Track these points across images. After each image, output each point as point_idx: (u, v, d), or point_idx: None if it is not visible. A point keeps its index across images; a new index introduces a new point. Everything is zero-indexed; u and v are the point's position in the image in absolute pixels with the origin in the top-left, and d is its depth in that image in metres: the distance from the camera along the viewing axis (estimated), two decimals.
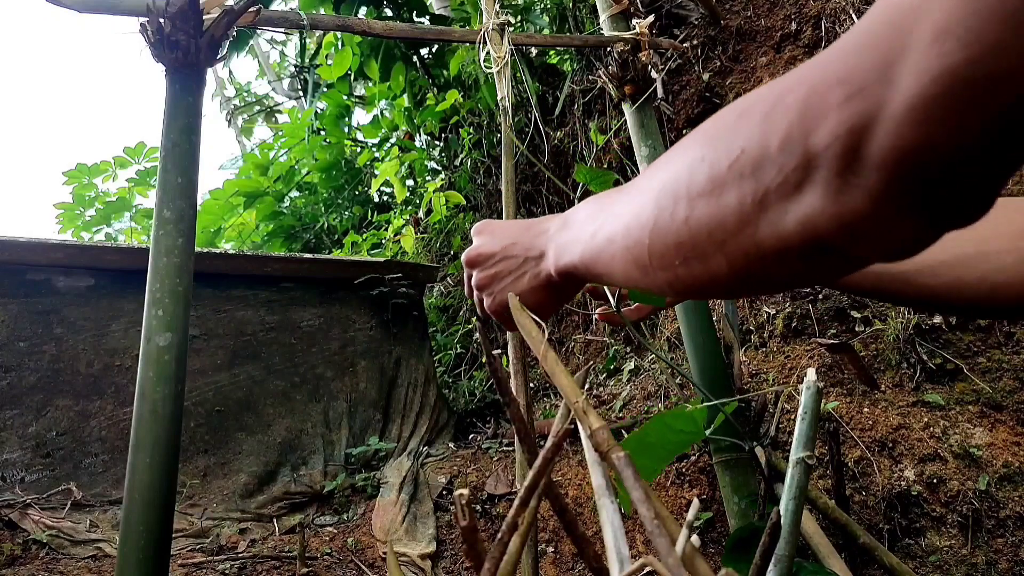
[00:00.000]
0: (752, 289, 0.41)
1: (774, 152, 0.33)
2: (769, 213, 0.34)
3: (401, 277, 2.95)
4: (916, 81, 0.26)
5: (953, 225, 0.31)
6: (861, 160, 0.29)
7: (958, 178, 0.28)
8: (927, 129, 0.27)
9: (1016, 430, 2.10)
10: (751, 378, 2.49)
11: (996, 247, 0.55)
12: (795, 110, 0.31)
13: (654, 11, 3.25)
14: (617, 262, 0.47)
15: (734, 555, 0.76)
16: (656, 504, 0.34)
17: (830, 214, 0.31)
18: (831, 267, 0.35)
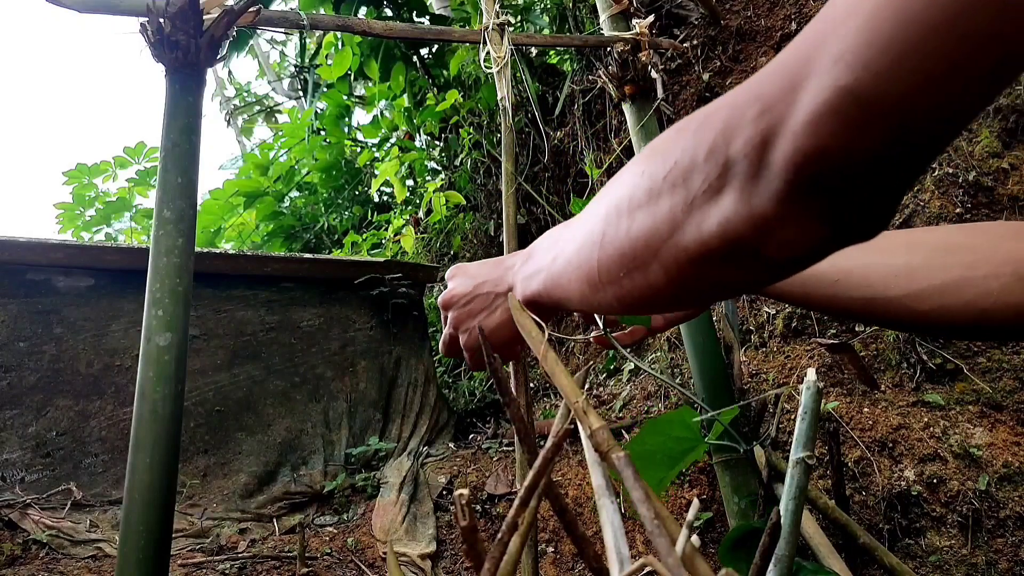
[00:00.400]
0: (690, 299, 0.44)
1: (701, 161, 0.36)
2: (695, 217, 0.37)
3: (401, 277, 2.95)
4: (813, 99, 0.30)
5: (850, 232, 0.34)
6: (767, 166, 0.33)
7: (849, 187, 0.32)
8: (819, 141, 0.30)
9: (1016, 430, 2.10)
10: (751, 378, 2.49)
11: (982, 272, 0.57)
12: (719, 124, 0.35)
13: (654, 11, 3.25)
14: (573, 283, 0.50)
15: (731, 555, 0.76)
16: (656, 504, 0.34)
17: (743, 215, 0.35)
18: (750, 271, 0.38)
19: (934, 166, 2.51)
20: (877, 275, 0.62)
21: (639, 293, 0.44)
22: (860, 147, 0.30)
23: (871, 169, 0.30)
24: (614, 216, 0.44)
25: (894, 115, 0.28)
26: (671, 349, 2.91)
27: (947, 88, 0.27)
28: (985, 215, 2.41)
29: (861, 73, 0.28)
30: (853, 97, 0.29)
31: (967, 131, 2.54)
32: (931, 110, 0.28)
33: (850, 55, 0.29)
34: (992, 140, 2.47)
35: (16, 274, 2.32)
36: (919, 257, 0.61)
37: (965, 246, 0.60)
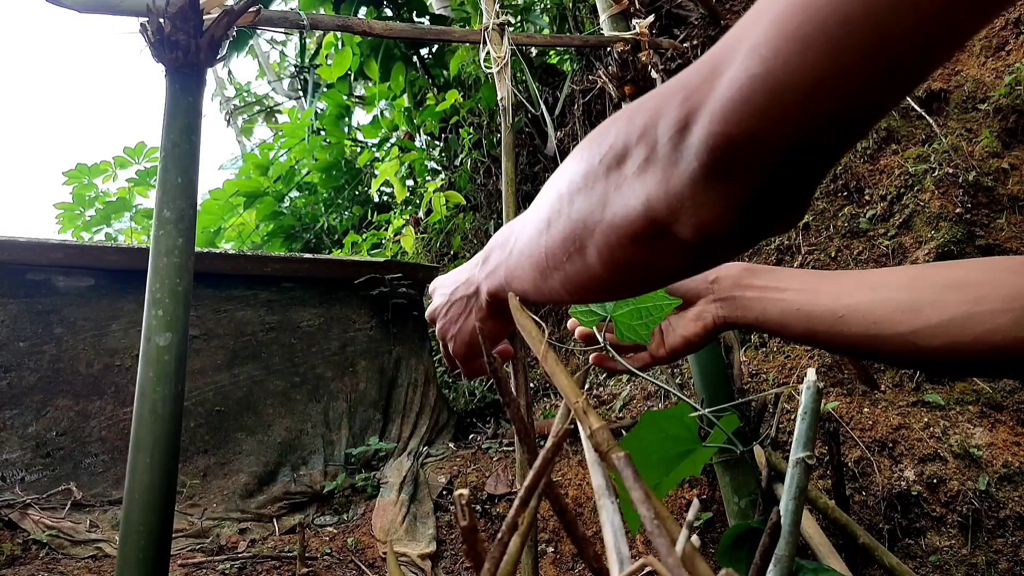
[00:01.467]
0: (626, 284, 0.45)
1: (633, 144, 0.38)
2: (623, 196, 0.39)
3: (401, 277, 2.95)
4: (727, 87, 0.32)
5: (761, 219, 0.36)
6: (685, 148, 0.35)
7: (758, 172, 0.33)
8: (730, 126, 0.32)
9: (1016, 430, 2.10)
10: (751, 378, 2.49)
11: (989, 308, 0.57)
12: (651, 109, 0.37)
13: (654, 11, 3.25)
14: (527, 272, 0.51)
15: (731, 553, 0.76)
16: (656, 504, 0.34)
17: (662, 194, 0.37)
18: (672, 253, 0.40)
19: (933, 166, 2.51)
20: (883, 311, 0.61)
21: (581, 278, 0.45)
22: (768, 134, 0.31)
23: (779, 156, 0.32)
24: (556, 202, 0.45)
25: (799, 105, 0.30)
26: None
27: (848, 83, 0.29)
28: (985, 215, 2.41)
29: (771, 63, 0.30)
30: (762, 85, 0.31)
31: (967, 131, 2.54)
32: (834, 103, 0.30)
33: (763, 47, 0.30)
34: (992, 140, 2.47)
35: (16, 274, 2.32)
36: (925, 294, 0.60)
37: (971, 282, 0.59)
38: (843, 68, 0.29)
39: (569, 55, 4.05)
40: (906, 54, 0.28)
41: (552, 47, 4.01)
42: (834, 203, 2.71)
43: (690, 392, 2.64)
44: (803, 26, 0.29)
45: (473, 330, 0.64)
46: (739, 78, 0.31)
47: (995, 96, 2.52)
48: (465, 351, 0.67)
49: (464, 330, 0.65)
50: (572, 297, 0.49)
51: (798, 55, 0.29)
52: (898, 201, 2.55)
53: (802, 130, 0.31)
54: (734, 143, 0.32)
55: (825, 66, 0.29)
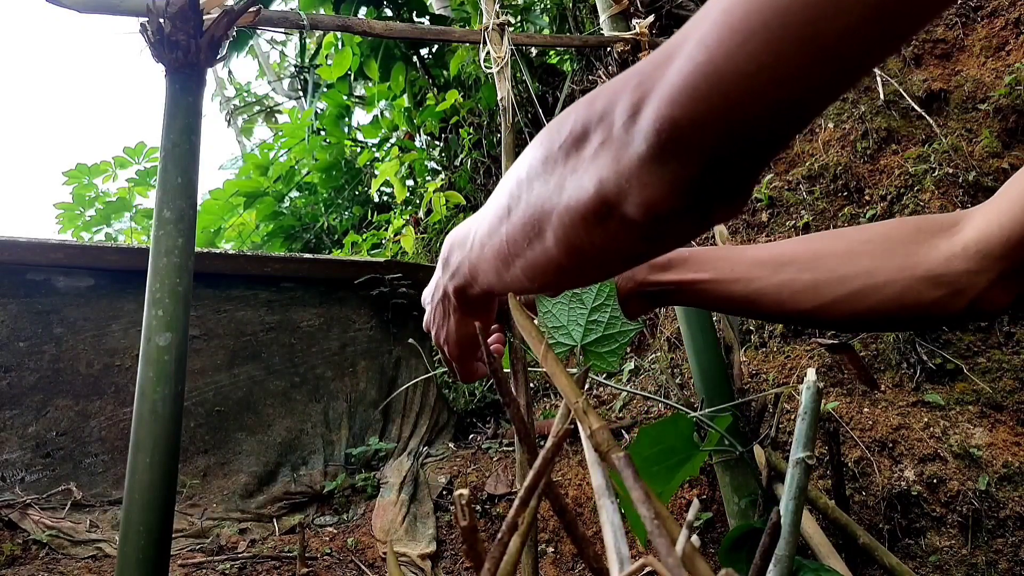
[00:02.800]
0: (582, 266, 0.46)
1: (592, 127, 0.39)
2: (578, 177, 0.40)
3: (401, 277, 2.95)
4: (675, 73, 0.34)
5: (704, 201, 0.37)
6: (635, 130, 0.36)
7: (700, 156, 0.35)
8: (675, 110, 0.34)
9: (1016, 430, 2.10)
10: (751, 378, 2.49)
11: (882, 279, 0.64)
12: (609, 94, 0.39)
13: (654, 11, 3.25)
14: (490, 262, 0.52)
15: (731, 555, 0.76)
16: (656, 504, 0.34)
17: (612, 173, 0.38)
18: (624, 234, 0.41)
19: (933, 166, 2.51)
20: (789, 293, 0.68)
21: (540, 263, 0.46)
22: (710, 119, 0.33)
23: (720, 141, 0.34)
24: (516, 188, 0.46)
25: (739, 93, 0.32)
26: (671, 349, 2.91)
27: (785, 73, 0.31)
28: None
29: (714, 52, 0.32)
30: (704, 72, 0.32)
31: (967, 131, 2.54)
32: (772, 92, 0.31)
33: (708, 36, 0.32)
34: (992, 140, 2.47)
35: (16, 274, 2.32)
36: (824, 272, 0.67)
37: (864, 254, 0.66)
38: (780, 59, 0.30)
39: (569, 55, 4.05)
40: (842, 49, 0.30)
41: (552, 47, 4.01)
42: (834, 203, 2.72)
43: (690, 392, 2.64)
44: (746, 18, 0.31)
45: (458, 330, 0.65)
46: (685, 66, 0.33)
47: (995, 96, 2.52)
48: (457, 352, 0.68)
49: (450, 332, 0.66)
50: (534, 284, 0.50)
51: (739, 46, 0.31)
52: (898, 201, 2.55)
53: (742, 117, 0.33)
54: (678, 126, 0.34)
55: (763, 57, 0.30)
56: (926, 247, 0.63)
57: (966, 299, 0.61)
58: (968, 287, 0.61)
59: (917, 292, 0.62)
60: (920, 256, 0.63)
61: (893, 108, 2.72)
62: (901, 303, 0.63)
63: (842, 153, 2.76)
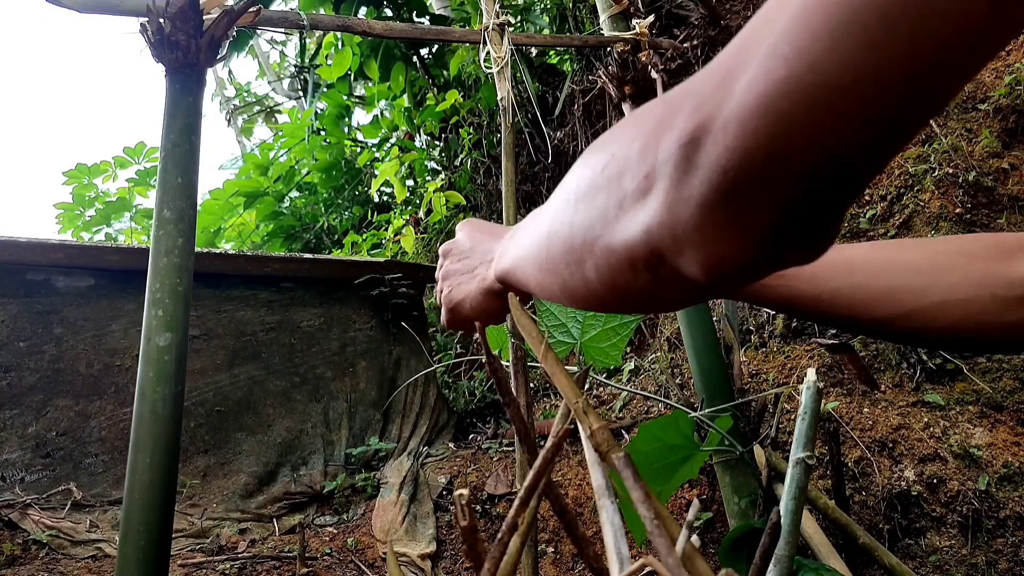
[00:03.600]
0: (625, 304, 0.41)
1: (634, 158, 0.34)
2: (624, 217, 0.35)
3: (401, 277, 2.95)
4: (746, 94, 0.28)
5: (784, 252, 0.31)
6: (694, 168, 0.30)
7: (783, 196, 0.28)
8: (750, 140, 0.27)
9: (1016, 430, 2.10)
10: (751, 378, 2.49)
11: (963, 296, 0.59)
12: (655, 119, 0.33)
13: (654, 11, 3.25)
14: (530, 267, 0.49)
15: (731, 555, 0.76)
16: (656, 504, 0.34)
17: (665, 223, 0.32)
18: (675, 287, 0.35)
19: (933, 166, 2.51)
20: (860, 298, 0.63)
21: (578, 289, 0.42)
22: (796, 148, 0.27)
23: (808, 174, 0.28)
24: (561, 206, 0.42)
25: (832, 110, 0.26)
26: (671, 349, 2.91)
27: (891, 80, 0.25)
28: (985, 215, 2.41)
29: (795, 64, 0.26)
30: (786, 89, 0.26)
31: (967, 131, 2.54)
32: (874, 105, 0.26)
33: (785, 46, 0.26)
34: (992, 140, 2.47)
35: (16, 274, 2.32)
36: (899, 281, 0.62)
37: (944, 266, 0.62)
38: (884, 63, 0.25)
39: (569, 55, 4.05)
40: (964, 44, 0.24)
41: (552, 47, 4.01)
42: None
43: (690, 392, 2.64)
44: (833, 18, 0.25)
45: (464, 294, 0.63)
46: (758, 83, 0.27)
47: (995, 96, 2.52)
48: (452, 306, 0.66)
49: (462, 289, 0.64)
50: (572, 304, 0.47)
51: (829, 52, 0.25)
52: (898, 201, 2.55)
53: (837, 140, 0.27)
54: (754, 160, 0.28)
55: (862, 62, 0.25)
56: (1007, 264, 0.59)
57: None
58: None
59: (999, 310, 0.58)
60: (1001, 272, 0.59)
61: None
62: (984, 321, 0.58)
63: None
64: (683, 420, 0.76)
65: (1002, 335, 0.59)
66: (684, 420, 0.76)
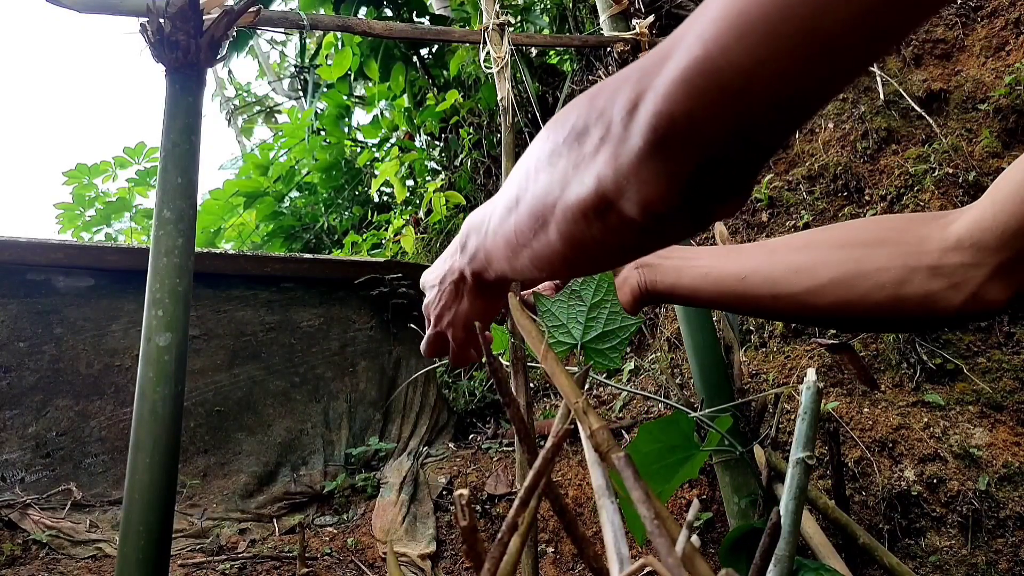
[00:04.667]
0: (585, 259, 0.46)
1: (593, 122, 0.39)
2: (579, 174, 0.40)
3: (401, 277, 2.95)
4: (672, 69, 0.33)
5: (702, 200, 0.37)
6: (633, 127, 0.36)
7: (698, 154, 0.34)
8: (673, 106, 0.33)
9: (1016, 430, 2.10)
10: (751, 378, 2.49)
11: (874, 266, 0.62)
12: (610, 90, 0.38)
13: (654, 11, 3.25)
14: (501, 250, 0.52)
15: (731, 555, 0.76)
16: (656, 504, 0.34)
17: (611, 171, 0.38)
18: (622, 231, 0.41)
19: (933, 166, 2.51)
20: (779, 272, 0.67)
21: (545, 254, 0.46)
22: (707, 116, 0.32)
23: (718, 138, 0.33)
24: (524, 179, 0.47)
25: (737, 89, 0.31)
26: (671, 349, 2.91)
27: (785, 68, 0.30)
28: None
29: (711, 47, 0.31)
30: (701, 68, 0.32)
31: (967, 131, 2.54)
32: (770, 88, 0.31)
33: (706, 31, 0.32)
34: (992, 140, 2.47)
35: (16, 274, 2.32)
36: (817, 254, 0.66)
37: (858, 240, 0.65)
38: (779, 54, 0.30)
39: (569, 55, 4.05)
40: (844, 42, 0.29)
41: (552, 47, 4.01)
42: (834, 203, 2.72)
43: (690, 392, 2.64)
44: (744, 11, 0.30)
45: (468, 313, 0.65)
46: (682, 61, 0.33)
47: (995, 96, 2.52)
48: (463, 335, 0.68)
49: (460, 314, 0.66)
50: (541, 273, 0.50)
51: (736, 40, 0.30)
52: (898, 201, 2.55)
53: (740, 113, 0.32)
54: (674, 122, 0.33)
55: (762, 51, 0.30)
56: (918, 237, 0.62)
57: (964, 293, 0.60)
58: (965, 280, 0.60)
59: (915, 283, 0.61)
60: (913, 245, 0.62)
61: (893, 108, 2.72)
62: (898, 294, 0.61)
63: (842, 153, 2.76)
64: (683, 420, 0.76)
65: (919, 307, 0.61)
66: (684, 420, 0.76)
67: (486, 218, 0.55)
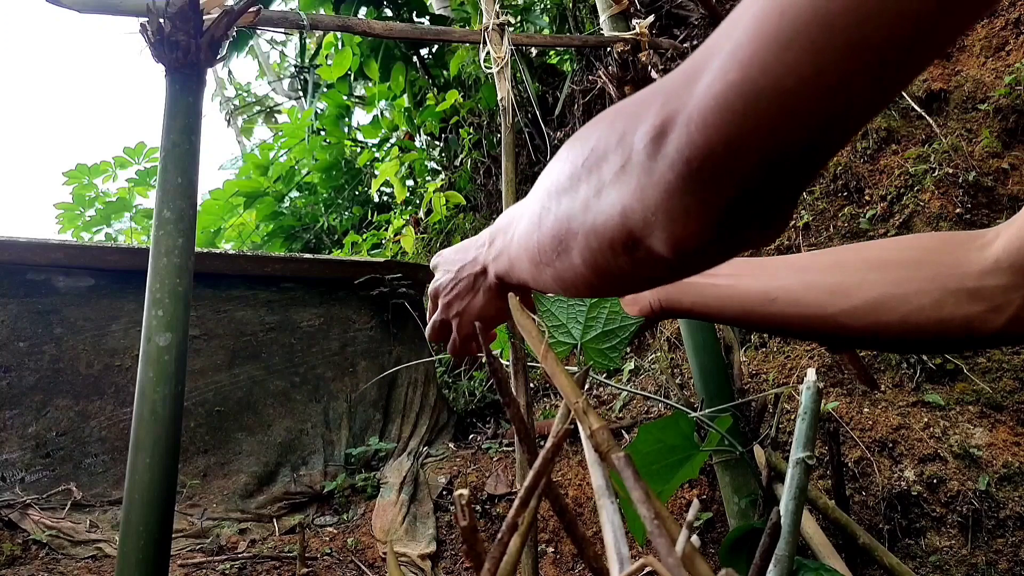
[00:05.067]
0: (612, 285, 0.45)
1: (612, 149, 0.37)
2: (602, 202, 0.38)
3: (401, 277, 2.95)
4: (705, 93, 0.31)
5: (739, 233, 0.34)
6: (661, 157, 0.33)
7: (736, 184, 0.32)
8: (708, 134, 0.31)
9: (1016, 430, 2.10)
10: (751, 378, 2.49)
11: (913, 288, 0.59)
12: (630, 114, 0.36)
13: (654, 11, 3.25)
14: (524, 262, 0.51)
15: (731, 555, 0.76)
16: (656, 504, 0.34)
17: (637, 203, 0.35)
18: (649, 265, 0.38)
19: (933, 166, 2.51)
20: (813, 294, 0.64)
21: (569, 276, 0.45)
22: (748, 142, 0.30)
23: (759, 165, 0.31)
24: (546, 198, 0.45)
25: (780, 110, 0.29)
26: (671, 349, 2.91)
27: (831, 85, 0.28)
28: (985, 215, 2.41)
29: (749, 67, 0.29)
30: (740, 90, 0.29)
31: (967, 131, 2.54)
32: (816, 106, 0.28)
33: (741, 50, 0.29)
34: (992, 140, 2.47)
35: (16, 274, 2.32)
36: (852, 275, 0.62)
37: (894, 262, 0.62)
38: (824, 70, 0.28)
39: (569, 55, 4.05)
40: (890, 54, 0.27)
41: (552, 47, 4.01)
42: (834, 203, 2.72)
43: (690, 392, 2.64)
44: (783, 28, 0.28)
45: (481, 310, 0.64)
46: (716, 84, 0.30)
47: (995, 96, 2.52)
48: (469, 329, 0.66)
49: (471, 308, 0.64)
50: (565, 292, 0.49)
51: (777, 57, 0.28)
52: (898, 201, 2.55)
53: (784, 136, 0.30)
54: (711, 152, 0.31)
55: (805, 68, 0.28)
56: (956, 259, 0.59)
57: (1005, 316, 0.57)
58: (1006, 303, 0.57)
59: (954, 306, 0.58)
60: (951, 267, 0.59)
61: (893, 108, 2.72)
62: (938, 317, 0.58)
63: (842, 153, 2.76)
64: (683, 421, 0.76)
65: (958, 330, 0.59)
66: (684, 421, 0.76)
67: (513, 222, 0.54)
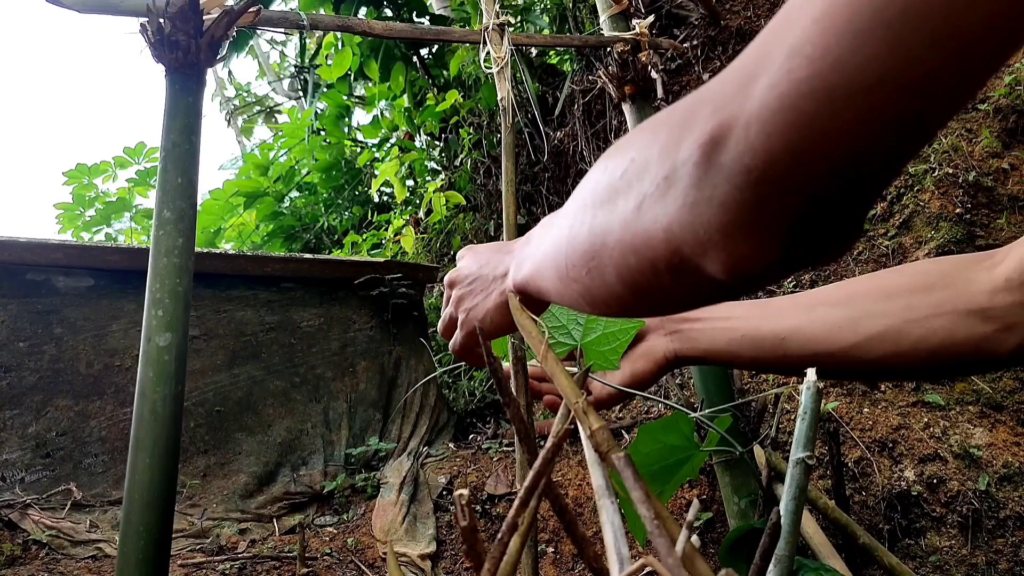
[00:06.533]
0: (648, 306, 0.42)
1: (654, 161, 0.34)
2: (643, 218, 0.35)
3: (401, 277, 2.95)
4: (767, 95, 0.27)
5: (807, 251, 0.31)
6: (716, 169, 0.30)
7: (806, 195, 0.28)
8: (773, 141, 0.27)
9: (1016, 430, 2.10)
10: (751, 378, 2.49)
11: (923, 314, 0.59)
12: (674, 123, 0.33)
13: (654, 11, 3.26)
14: (549, 273, 0.48)
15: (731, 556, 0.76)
16: (656, 504, 0.34)
17: (687, 224, 0.32)
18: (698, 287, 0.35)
19: (933, 166, 2.51)
20: (822, 330, 0.63)
21: (602, 294, 0.42)
22: (819, 148, 0.27)
23: (832, 173, 0.28)
24: (580, 211, 0.42)
25: (856, 109, 0.26)
26: None
27: (915, 77, 0.25)
28: (985, 215, 2.41)
29: (819, 63, 0.26)
30: (809, 89, 0.26)
31: (967, 131, 2.54)
32: (898, 103, 0.26)
33: (807, 46, 0.26)
34: (992, 140, 2.47)
35: (16, 274, 2.32)
36: (859, 308, 0.62)
37: (904, 288, 0.61)
38: (907, 64, 0.25)
39: (569, 55, 4.05)
40: (986, 42, 0.24)
41: (552, 47, 4.01)
42: None
43: (690, 392, 2.64)
44: (857, 18, 0.25)
45: (488, 311, 0.62)
46: (780, 84, 0.27)
47: (995, 96, 2.52)
48: (471, 328, 0.65)
49: (480, 308, 0.63)
50: (594, 309, 0.46)
51: (852, 51, 0.25)
52: (898, 201, 2.55)
53: (860, 138, 0.26)
54: (776, 160, 0.28)
55: (886, 63, 0.25)
56: (966, 280, 0.58)
57: (1018, 335, 0.56)
58: (1018, 322, 0.56)
59: (966, 328, 0.57)
60: (961, 288, 0.58)
61: None
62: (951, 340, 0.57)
63: None
64: (683, 421, 0.76)
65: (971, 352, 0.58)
66: (684, 421, 0.76)
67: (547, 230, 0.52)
